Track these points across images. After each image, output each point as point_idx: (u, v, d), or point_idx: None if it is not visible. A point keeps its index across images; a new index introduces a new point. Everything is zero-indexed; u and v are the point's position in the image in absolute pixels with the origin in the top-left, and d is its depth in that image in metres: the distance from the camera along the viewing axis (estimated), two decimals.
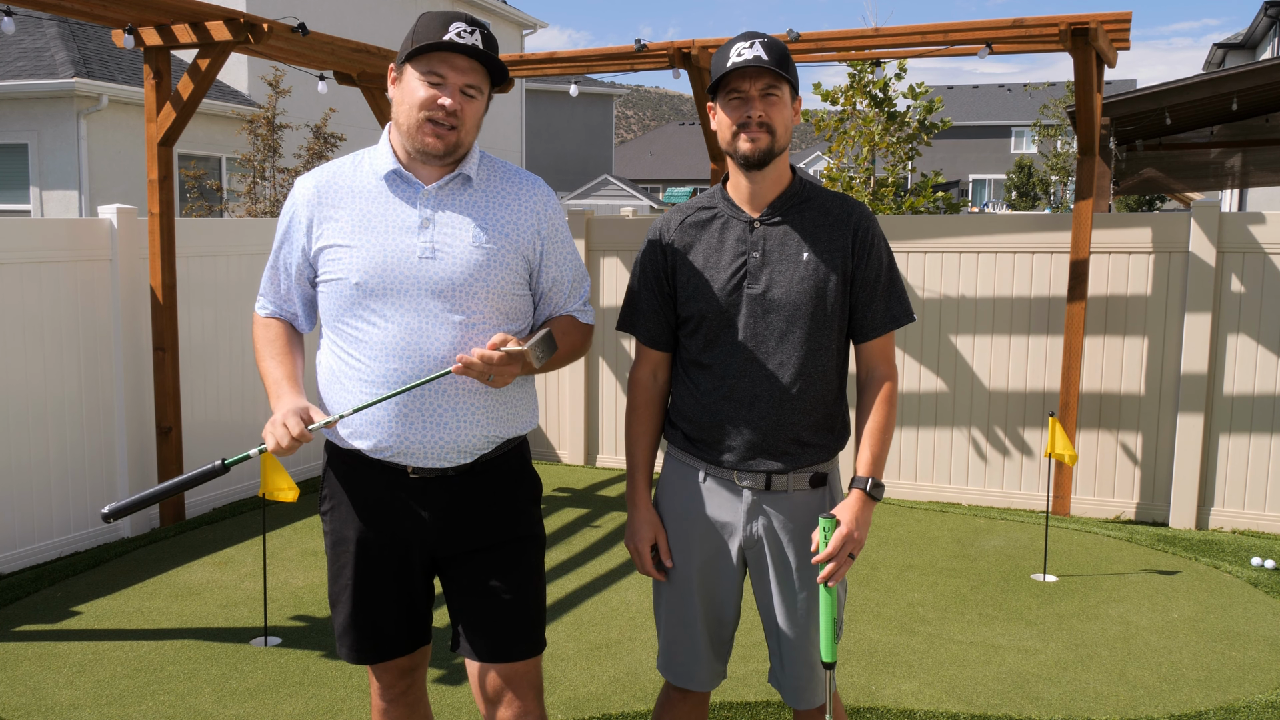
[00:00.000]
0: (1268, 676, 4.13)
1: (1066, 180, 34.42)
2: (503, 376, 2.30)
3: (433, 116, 2.33)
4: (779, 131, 2.43)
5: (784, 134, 2.44)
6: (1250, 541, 5.82)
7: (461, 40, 2.31)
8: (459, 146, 2.37)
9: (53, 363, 5.56)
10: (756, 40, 2.41)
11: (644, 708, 3.83)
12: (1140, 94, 8.22)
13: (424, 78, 2.33)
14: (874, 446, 2.48)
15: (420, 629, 2.58)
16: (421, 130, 2.34)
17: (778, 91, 2.41)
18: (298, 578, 5.22)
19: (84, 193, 13.97)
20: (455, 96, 2.33)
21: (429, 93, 2.32)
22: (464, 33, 2.31)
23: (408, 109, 2.35)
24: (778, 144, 2.44)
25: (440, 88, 2.33)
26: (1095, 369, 6.37)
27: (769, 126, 2.41)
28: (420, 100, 2.33)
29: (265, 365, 2.51)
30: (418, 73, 2.33)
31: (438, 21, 2.33)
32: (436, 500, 2.44)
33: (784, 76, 2.40)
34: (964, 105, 53.36)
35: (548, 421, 7.83)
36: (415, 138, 2.36)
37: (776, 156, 2.46)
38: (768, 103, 2.41)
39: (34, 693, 3.95)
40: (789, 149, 2.55)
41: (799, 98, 2.50)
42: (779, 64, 2.39)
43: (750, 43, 2.41)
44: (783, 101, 2.42)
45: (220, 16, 5.80)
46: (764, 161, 2.44)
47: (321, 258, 2.42)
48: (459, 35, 2.31)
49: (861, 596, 4.97)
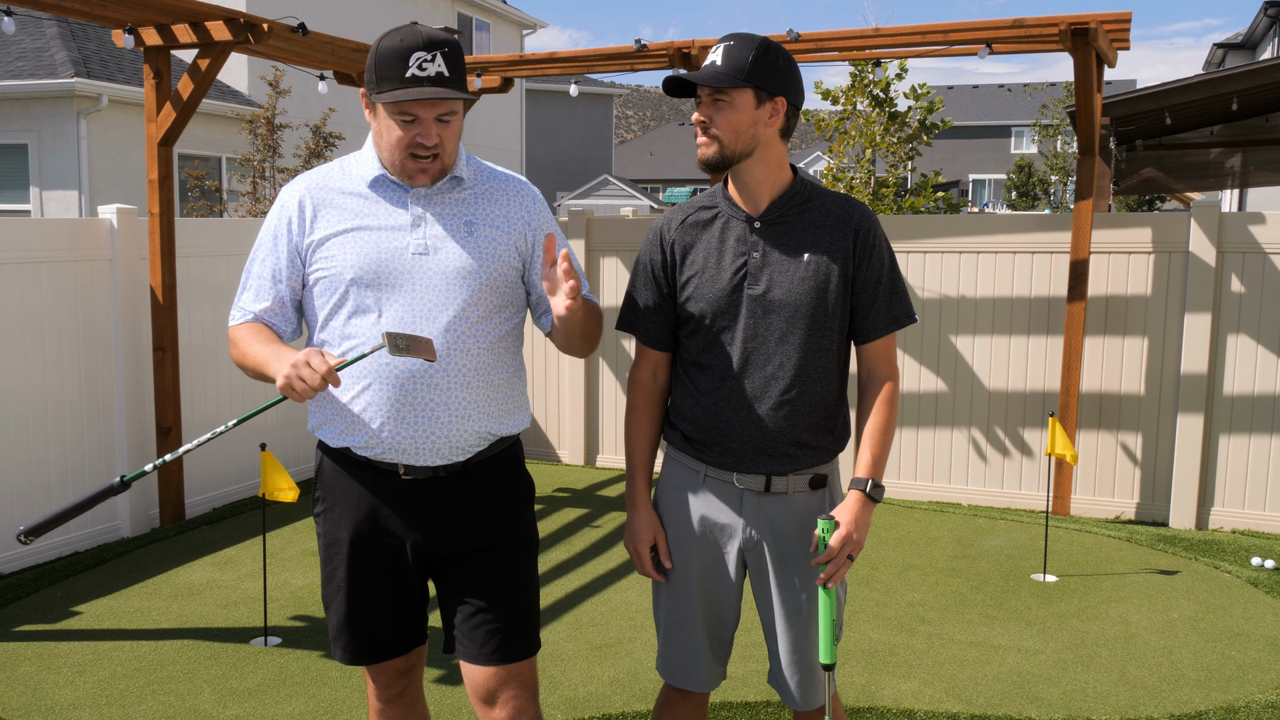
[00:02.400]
0: (1268, 676, 4.13)
1: (1066, 180, 34.41)
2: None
3: (414, 153, 2.33)
4: (725, 137, 2.39)
5: (735, 139, 2.39)
6: (1250, 541, 5.82)
7: (424, 73, 2.25)
8: (444, 170, 2.38)
9: (53, 363, 5.56)
10: (724, 44, 2.39)
11: (644, 708, 3.83)
12: (1140, 94, 8.21)
13: (396, 117, 2.30)
14: (874, 448, 2.48)
15: (415, 630, 2.58)
16: (405, 169, 2.35)
17: (724, 97, 2.37)
18: (298, 578, 5.22)
19: (84, 193, 13.97)
20: (431, 131, 2.31)
21: (406, 133, 2.31)
22: (424, 63, 2.25)
23: (388, 147, 2.34)
24: (727, 149, 2.40)
25: (414, 124, 2.30)
26: (1095, 369, 6.37)
27: (714, 134, 2.39)
28: (397, 140, 2.32)
29: (253, 349, 2.38)
30: (391, 112, 2.30)
31: (395, 56, 2.26)
32: (428, 501, 2.44)
33: (736, 85, 2.34)
34: (964, 105, 53.36)
35: (548, 421, 7.83)
36: (402, 173, 2.36)
37: (736, 161, 2.42)
38: (715, 107, 2.39)
39: (34, 693, 3.95)
40: (788, 149, 2.54)
41: (779, 98, 2.40)
42: (733, 69, 2.35)
43: (717, 46, 2.40)
44: (731, 106, 2.37)
45: (220, 16, 5.80)
46: (717, 167, 2.43)
47: (315, 255, 2.41)
48: (420, 68, 2.25)
49: (861, 596, 4.97)
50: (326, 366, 2.15)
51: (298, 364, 2.15)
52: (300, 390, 2.14)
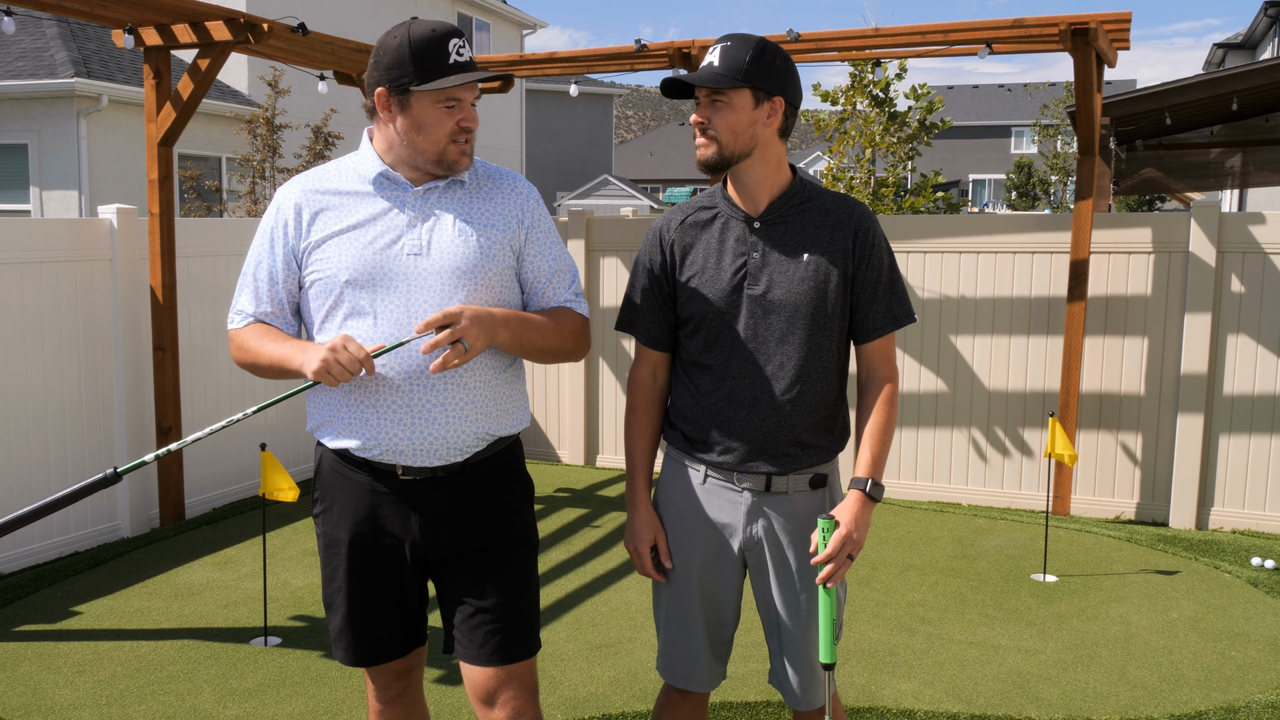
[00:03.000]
0: (1268, 676, 4.13)
1: (1066, 180, 34.41)
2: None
3: (456, 138, 2.36)
4: (723, 138, 2.40)
5: (732, 139, 2.40)
6: (1250, 541, 5.82)
7: (463, 58, 2.33)
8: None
9: (53, 363, 5.57)
10: (721, 45, 2.40)
11: (644, 708, 3.83)
12: (1140, 94, 8.21)
13: (442, 104, 2.34)
14: (874, 447, 2.48)
15: (415, 630, 2.58)
16: (447, 156, 2.38)
17: (722, 98, 2.38)
18: (298, 578, 5.22)
19: (84, 193, 13.97)
20: (473, 113, 2.38)
21: (454, 120, 2.35)
22: (461, 49, 2.33)
23: (434, 140, 2.35)
24: (725, 149, 2.41)
25: (456, 109, 2.35)
26: (1095, 369, 6.37)
27: (711, 133, 2.40)
28: (446, 129, 2.35)
29: (267, 347, 2.40)
30: (434, 101, 2.33)
31: (434, 44, 2.31)
32: (427, 502, 2.43)
33: (734, 86, 2.35)
34: (964, 105, 53.36)
35: (548, 421, 7.83)
36: (443, 161, 2.38)
37: (736, 161, 2.43)
38: (713, 109, 2.40)
39: (34, 693, 3.95)
40: (788, 149, 2.54)
41: (777, 98, 2.41)
42: (730, 69, 2.36)
43: (715, 47, 2.41)
44: (729, 107, 2.38)
45: (220, 16, 5.80)
46: (717, 168, 2.44)
47: (311, 256, 2.40)
48: (459, 53, 2.32)
49: (861, 596, 4.97)
50: (364, 352, 2.22)
51: (336, 348, 2.21)
52: (337, 374, 2.21)
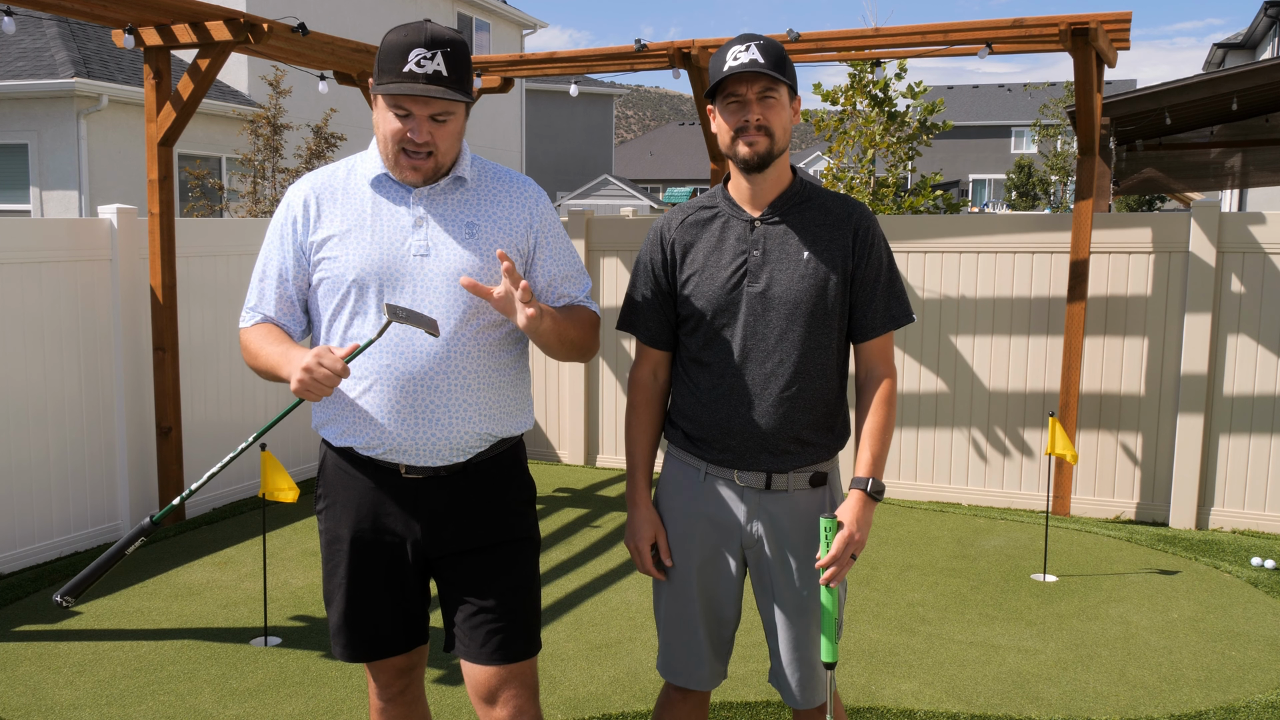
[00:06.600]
0: (1268, 676, 4.13)
1: (1066, 180, 34.42)
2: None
3: (405, 148, 2.32)
4: (777, 134, 2.43)
5: (782, 136, 2.45)
6: (1250, 541, 5.82)
7: (420, 70, 2.24)
8: (438, 170, 2.37)
9: (53, 363, 5.57)
10: (753, 43, 2.41)
11: (644, 708, 3.83)
12: (1140, 94, 8.22)
13: (391, 110, 2.30)
14: (874, 447, 2.48)
15: (416, 629, 2.58)
16: (398, 164, 2.35)
17: (775, 94, 2.42)
18: (298, 578, 5.22)
19: (84, 193, 13.97)
20: (423, 129, 2.30)
21: (397, 126, 2.30)
22: (423, 60, 2.24)
23: (383, 139, 2.35)
24: (776, 146, 2.44)
25: (407, 119, 2.30)
26: (1095, 369, 6.37)
27: (767, 129, 2.42)
28: (391, 132, 2.31)
29: (264, 351, 2.39)
30: (387, 105, 2.31)
31: (397, 49, 2.26)
32: (429, 501, 2.44)
33: (780, 79, 2.40)
34: (964, 105, 53.35)
35: (548, 421, 7.83)
36: (394, 169, 2.37)
37: (776, 158, 2.46)
38: (765, 106, 2.41)
39: (34, 693, 3.95)
40: (789, 149, 2.55)
41: (798, 98, 2.50)
42: (775, 66, 2.39)
43: (746, 45, 2.41)
44: (780, 104, 2.43)
45: (220, 16, 5.80)
46: (763, 164, 2.45)
47: (318, 254, 2.41)
48: (418, 64, 2.24)
49: (861, 596, 4.97)
50: (340, 365, 2.18)
51: (309, 367, 2.18)
52: (316, 391, 2.19)
